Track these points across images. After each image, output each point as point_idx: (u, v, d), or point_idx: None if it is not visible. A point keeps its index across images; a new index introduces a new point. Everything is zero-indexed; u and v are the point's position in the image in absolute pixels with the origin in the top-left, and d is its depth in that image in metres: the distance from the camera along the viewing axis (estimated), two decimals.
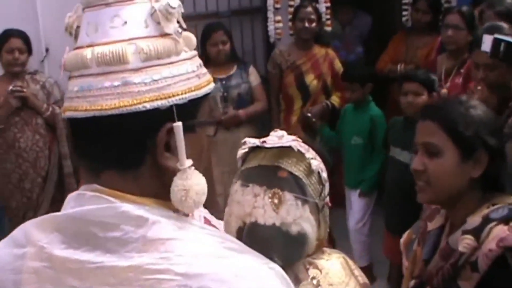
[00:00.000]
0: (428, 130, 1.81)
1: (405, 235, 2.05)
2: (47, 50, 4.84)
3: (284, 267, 1.50)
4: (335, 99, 4.75)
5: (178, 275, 0.95)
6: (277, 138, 1.59)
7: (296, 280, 1.53)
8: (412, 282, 1.88)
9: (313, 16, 4.72)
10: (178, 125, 1.02)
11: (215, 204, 4.81)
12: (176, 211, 1.07)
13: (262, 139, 1.60)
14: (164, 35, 1.05)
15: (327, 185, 1.60)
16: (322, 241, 1.64)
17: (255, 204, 1.51)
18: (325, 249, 1.66)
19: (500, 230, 1.66)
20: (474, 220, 1.73)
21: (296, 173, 1.53)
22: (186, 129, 1.03)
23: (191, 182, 1.04)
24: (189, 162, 1.04)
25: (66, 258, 0.99)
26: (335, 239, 5.05)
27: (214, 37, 4.61)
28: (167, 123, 1.02)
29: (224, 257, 1.00)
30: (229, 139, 4.66)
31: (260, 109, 4.79)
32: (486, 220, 1.70)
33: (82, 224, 1.00)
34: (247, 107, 4.72)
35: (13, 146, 4.19)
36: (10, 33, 4.26)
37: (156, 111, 1.01)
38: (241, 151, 1.61)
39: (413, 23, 5.04)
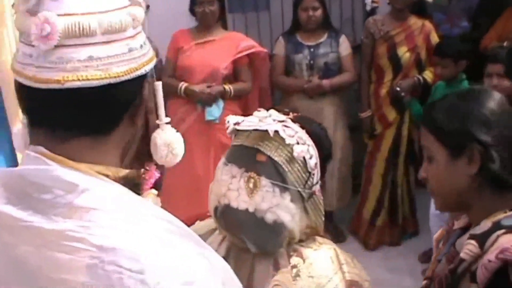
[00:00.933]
0: (424, 134, 1.69)
1: (439, 231, 1.90)
2: (148, 7, 4.95)
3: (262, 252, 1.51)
4: (428, 74, 4.52)
5: (93, 246, 0.96)
6: (258, 119, 1.53)
7: (275, 266, 1.51)
8: (424, 283, 1.79)
9: None
10: (159, 83, 1.16)
11: None
12: (132, 183, 1.12)
13: (240, 119, 1.55)
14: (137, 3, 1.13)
15: (315, 173, 1.52)
16: (316, 229, 1.60)
17: (230, 186, 1.48)
18: (319, 238, 1.61)
19: (507, 240, 1.50)
20: (485, 225, 1.58)
21: (276, 159, 1.47)
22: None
23: (170, 136, 1.17)
24: (167, 118, 1.16)
25: (5, 213, 1.02)
26: (418, 220, 4.94)
27: (306, 1, 4.49)
28: (145, 83, 1.13)
29: (150, 237, 1.00)
30: (312, 108, 4.61)
31: (347, 80, 4.65)
32: (496, 226, 1.55)
33: (21, 182, 1.03)
34: (333, 76, 4.59)
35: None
36: None
37: (145, 74, 1.11)
38: (231, 127, 1.58)
39: None
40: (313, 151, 1.52)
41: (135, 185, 1.14)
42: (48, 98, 1.05)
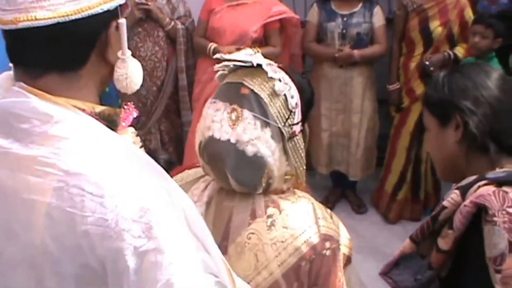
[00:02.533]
0: (424, 111, 1.85)
1: None
2: None
3: (243, 197, 1.56)
4: (459, 50, 4.45)
5: (61, 171, 1.05)
6: (245, 54, 1.57)
7: (252, 215, 1.56)
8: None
9: None
10: (123, 21, 1.21)
11: (319, 138, 4.84)
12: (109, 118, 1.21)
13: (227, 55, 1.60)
14: None
15: (296, 112, 1.56)
16: (296, 180, 1.64)
17: (214, 118, 1.53)
18: (297, 191, 1.65)
19: (485, 190, 1.56)
20: (471, 178, 1.66)
21: (258, 92, 1.51)
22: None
23: (132, 67, 1.26)
24: (129, 52, 1.24)
25: None
26: (441, 196, 4.91)
27: None
28: (113, 22, 1.20)
29: (114, 165, 1.08)
30: (342, 76, 4.66)
31: (377, 52, 4.62)
32: (479, 178, 1.63)
33: (3, 113, 1.13)
34: (365, 47, 4.58)
35: (134, 55, 4.34)
36: None
37: (106, 12, 1.17)
38: (219, 73, 1.63)
39: None
40: (295, 92, 1.57)
41: (111, 122, 1.22)
42: (16, 38, 1.15)
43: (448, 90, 1.72)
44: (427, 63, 4.48)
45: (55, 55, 1.15)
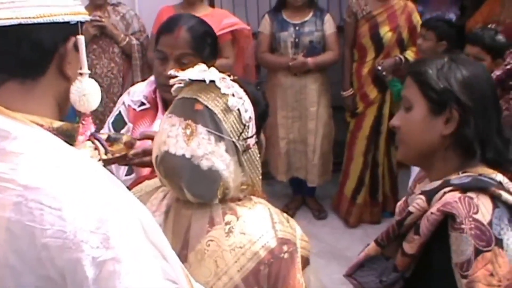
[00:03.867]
0: (407, 84, 1.77)
1: (403, 198, 1.98)
2: None
3: (200, 205, 1.59)
4: (409, 54, 4.57)
5: (19, 186, 1.08)
6: (198, 71, 1.60)
7: (211, 223, 1.59)
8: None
9: None
10: (82, 37, 1.25)
11: (277, 146, 4.90)
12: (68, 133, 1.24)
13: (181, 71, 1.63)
14: None
15: (250, 126, 1.60)
16: (252, 188, 1.67)
17: (170, 133, 1.55)
18: (254, 198, 1.68)
19: (451, 196, 1.60)
20: (435, 183, 1.68)
21: (212, 108, 1.54)
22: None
23: (89, 86, 1.29)
24: (87, 71, 1.28)
25: None
26: (399, 199, 4.99)
27: None
28: (72, 37, 1.24)
29: (71, 178, 1.11)
30: (296, 85, 4.74)
31: (330, 59, 4.73)
32: (444, 183, 1.65)
33: None
34: (317, 55, 4.67)
35: (90, 72, 4.36)
36: None
37: (67, 24, 1.22)
38: (176, 86, 1.65)
39: None
40: (249, 106, 1.60)
41: (69, 137, 1.24)
42: None
43: (451, 80, 1.67)
44: (379, 68, 4.59)
45: (16, 60, 1.18)
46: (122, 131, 2.40)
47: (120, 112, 2.48)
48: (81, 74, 1.29)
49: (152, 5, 4.55)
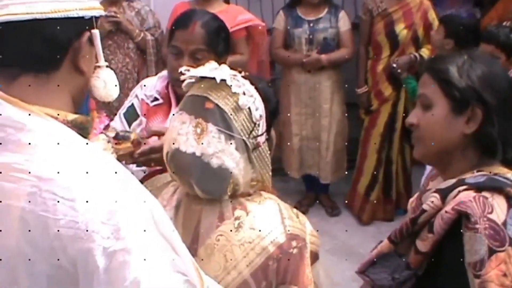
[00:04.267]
0: (424, 82, 1.73)
1: (416, 195, 1.97)
2: None
3: (210, 200, 1.60)
4: (425, 52, 4.57)
5: (34, 177, 1.10)
6: (209, 69, 1.61)
7: (220, 218, 1.60)
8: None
9: None
10: (96, 32, 1.27)
11: (290, 143, 4.90)
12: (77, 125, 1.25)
13: (192, 68, 1.64)
14: None
15: (261, 124, 1.60)
16: (262, 184, 1.68)
17: (180, 131, 1.57)
18: (263, 193, 1.69)
19: (465, 195, 1.58)
20: (450, 181, 1.66)
21: (223, 107, 1.55)
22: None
23: (108, 76, 1.32)
24: (105, 62, 1.30)
25: None
26: (412, 196, 4.98)
27: None
28: (86, 32, 1.25)
29: (84, 170, 1.13)
30: (310, 81, 4.74)
31: (344, 56, 4.71)
32: (459, 182, 1.63)
33: None
34: (332, 51, 4.66)
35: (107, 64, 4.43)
36: None
37: (81, 19, 1.23)
38: (187, 81, 1.66)
39: None
40: (259, 104, 1.60)
41: (82, 129, 1.26)
42: None
43: (475, 79, 1.64)
44: (394, 65, 4.58)
45: (31, 55, 1.20)
46: (135, 123, 2.43)
47: (132, 104, 2.50)
48: (99, 66, 1.32)
49: (167, 1, 4.56)
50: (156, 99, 2.45)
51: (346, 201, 5.19)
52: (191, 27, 2.29)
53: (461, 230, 1.57)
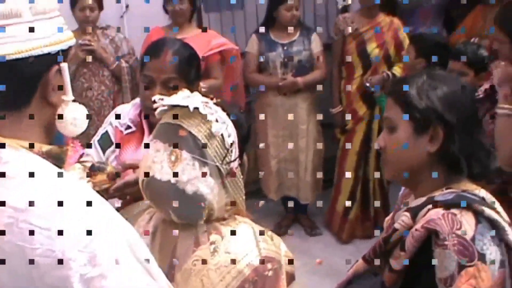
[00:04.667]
0: (389, 105, 1.78)
1: (391, 214, 2.01)
2: (127, 6, 5.07)
3: (186, 226, 1.63)
4: (397, 70, 4.64)
5: (10, 207, 1.13)
6: (182, 97, 1.63)
7: (196, 243, 1.62)
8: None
9: None
10: (65, 65, 1.27)
11: (268, 165, 4.93)
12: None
13: (165, 97, 1.65)
14: None
15: (233, 150, 1.62)
16: (237, 208, 1.70)
17: (155, 159, 1.59)
18: (238, 217, 1.72)
19: (434, 213, 1.62)
20: (420, 200, 1.71)
21: (196, 134, 1.57)
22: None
23: (74, 111, 1.30)
24: (71, 96, 1.28)
25: None
26: (390, 213, 5.01)
27: (290, 0, 4.57)
28: (55, 65, 1.25)
29: (58, 198, 1.15)
30: (286, 104, 4.78)
31: (319, 77, 4.77)
32: (428, 200, 1.68)
33: None
34: (306, 74, 4.73)
35: (81, 95, 4.45)
36: None
37: (47, 55, 1.23)
38: (159, 109, 1.68)
39: None
40: (232, 130, 1.63)
41: (57, 159, 1.27)
42: None
43: (434, 99, 1.68)
44: (367, 84, 4.64)
45: (1, 95, 1.20)
46: (109, 150, 2.44)
47: (107, 131, 2.51)
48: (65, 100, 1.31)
49: (140, 27, 4.58)
50: (129, 127, 2.46)
51: (325, 220, 5.21)
52: (162, 56, 2.31)
53: (432, 248, 1.61)
